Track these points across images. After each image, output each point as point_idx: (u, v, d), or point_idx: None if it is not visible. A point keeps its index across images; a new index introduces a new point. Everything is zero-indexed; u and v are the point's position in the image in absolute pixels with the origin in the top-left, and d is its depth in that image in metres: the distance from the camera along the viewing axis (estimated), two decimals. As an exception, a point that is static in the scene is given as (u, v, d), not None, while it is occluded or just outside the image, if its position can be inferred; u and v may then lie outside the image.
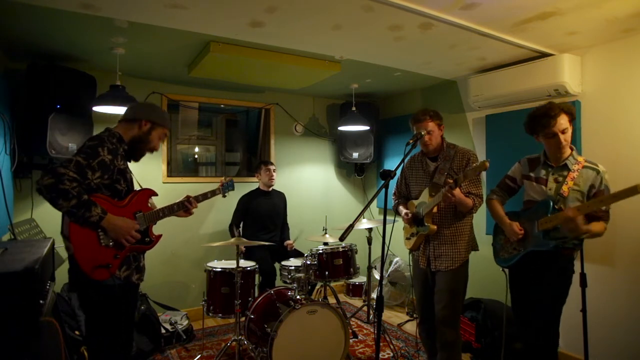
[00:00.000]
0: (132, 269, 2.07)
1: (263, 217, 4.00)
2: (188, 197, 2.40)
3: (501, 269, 2.49)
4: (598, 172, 2.17)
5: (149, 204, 2.21)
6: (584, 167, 2.19)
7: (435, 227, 2.52)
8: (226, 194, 2.71)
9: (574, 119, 2.22)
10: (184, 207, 2.35)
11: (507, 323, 2.64)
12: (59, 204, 1.79)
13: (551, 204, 2.18)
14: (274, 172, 4.04)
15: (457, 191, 2.33)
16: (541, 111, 2.21)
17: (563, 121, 2.17)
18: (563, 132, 2.17)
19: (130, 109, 2.19)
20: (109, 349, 2.02)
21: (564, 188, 2.18)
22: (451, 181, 2.30)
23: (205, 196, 2.53)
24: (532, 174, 2.36)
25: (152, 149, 2.20)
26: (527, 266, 2.32)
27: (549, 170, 2.28)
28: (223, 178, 2.75)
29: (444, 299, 2.52)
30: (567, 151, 2.24)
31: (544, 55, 3.12)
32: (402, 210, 2.70)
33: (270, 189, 4.12)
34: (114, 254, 1.98)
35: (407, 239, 2.72)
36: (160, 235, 2.19)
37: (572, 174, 2.19)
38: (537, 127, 2.23)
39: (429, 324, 2.64)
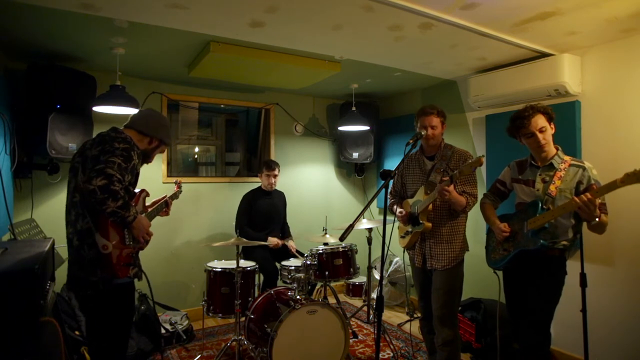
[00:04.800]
0: (137, 267, 2.11)
1: (264, 217, 3.99)
2: (165, 196, 2.63)
3: (493, 271, 2.49)
4: (584, 168, 2.18)
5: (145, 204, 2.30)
6: (570, 165, 2.21)
7: (430, 224, 2.53)
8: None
9: (552, 119, 2.26)
10: (166, 206, 2.55)
11: (506, 323, 2.64)
12: (106, 204, 1.81)
13: (540, 204, 2.20)
14: (274, 177, 3.98)
15: (451, 188, 2.35)
16: (517, 114, 2.28)
17: (540, 120, 2.22)
18: (540, 130, 2.21)
19: (146, 123, 2.21)
20: (115, 348, 2.05)
21: (552, 188, 2.19)
22: (447, 178, 2.33)
23: (174, 196, 2.82)
24: (520, 177, 2.38)
25: (149, 162, 2.31)
26: (519, 268, 2.34)
27: (536, 171, 2.30)
28: (175, 182, 3.05)
29: (441, 298, 2.54)
30: (551, 150, 2.26)
31: (544, 55, 3.12)
32: (397, 209, 2.71)
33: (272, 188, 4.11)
34: (131, 252, 2.03)
35: (402, 237, 2.73)
36: (152, 234, 2.21)
37: (559, 173, 2.20)
38: (516, 129, 2.30)
39: (430, 321, 2.65)
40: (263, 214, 3.99)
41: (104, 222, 1.91)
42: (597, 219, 2.05)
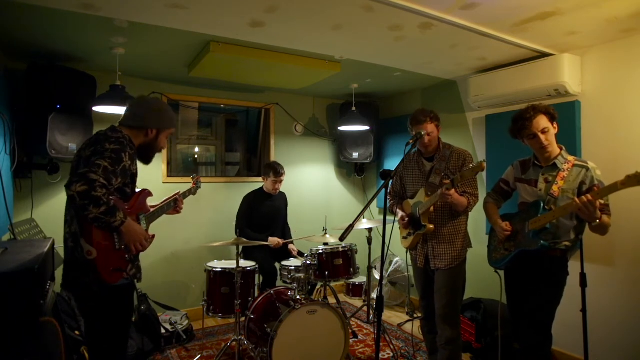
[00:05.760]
0: (135, 268, 2.08)
1: (265, 219, 3.98)
2: (177, 193, 2.48)
3: (494, 271, 2.50)
4: (587, 169, 2.17)
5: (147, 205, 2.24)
6: (573, 165, 2.20)
7: (432, 226, 2.53)
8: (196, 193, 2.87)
9: (554, 118, 2.24)
10: (175, 204, 2.43)
11: (506, 323, 2.64)
12: (88, 210, 1.75)
13: (542, 204, 2.20)
14: (280, 183, 3.95)
15: (453, 192, 2.35)
16: (519, 115, 2.26)
17: (542, 121, 2.20)
18: (543, 131, 2.20)
19: (134, 115, 2.11)
20: (114, 349, 2.03)
21: (554, 188, 2.19)
22: (448, 181, 2.32)
23: (190, 192, 2.70)
24: (524, 177, 2.38)
25: (161, 150, 2.23)
26: (521, 268, 2.34)
27: (539, 170, 2.30)
28: (192, 177, 2.88)
29: (444, 298, 2.54)
30: (555, 150, 2.25)
31: (544, 55, 3.12)
32: (400, 213, 2.71)
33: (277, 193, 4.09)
34: (124, 256, 1.98)
35: (404, 238, 2.73)
36: (154, 235, 2.19)
37: (562, 174, 2.20)
38: (517, 131, 2.28)
39: (431, 321, 2.66)
40: (265, 217, 3.97)
41: (88, 227, 1.86)
42: (597, 221, 2.04)
